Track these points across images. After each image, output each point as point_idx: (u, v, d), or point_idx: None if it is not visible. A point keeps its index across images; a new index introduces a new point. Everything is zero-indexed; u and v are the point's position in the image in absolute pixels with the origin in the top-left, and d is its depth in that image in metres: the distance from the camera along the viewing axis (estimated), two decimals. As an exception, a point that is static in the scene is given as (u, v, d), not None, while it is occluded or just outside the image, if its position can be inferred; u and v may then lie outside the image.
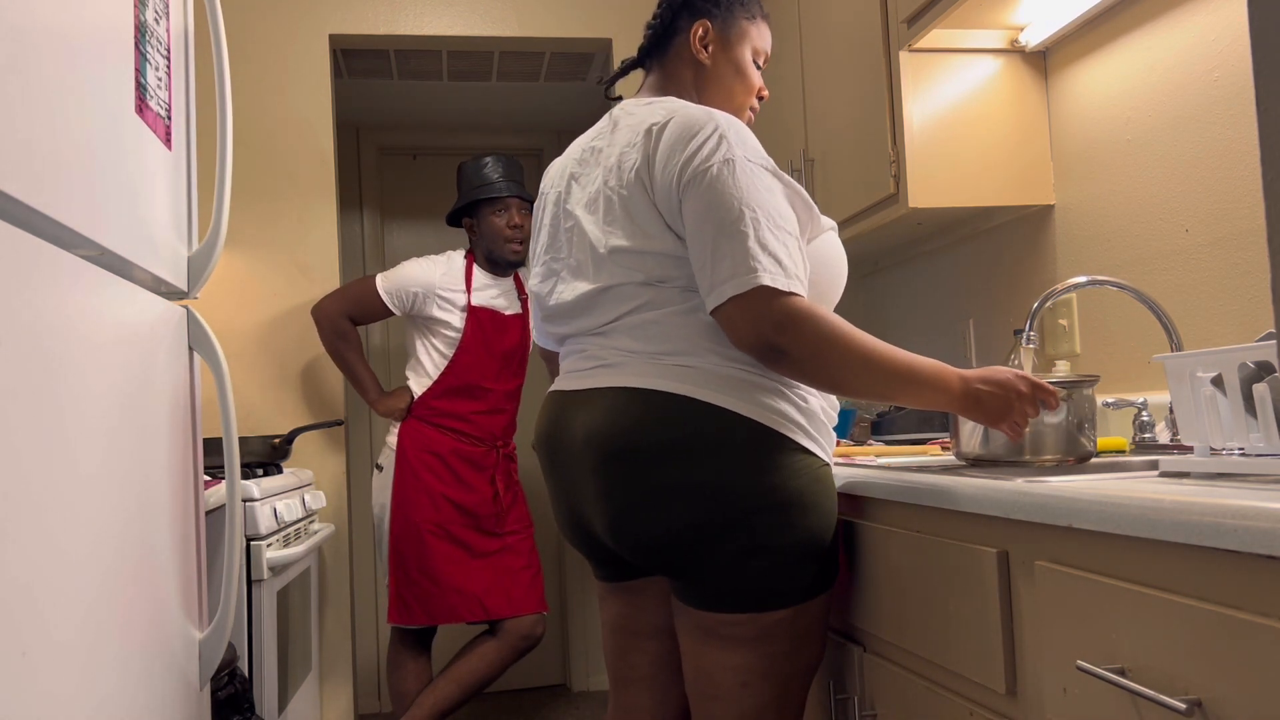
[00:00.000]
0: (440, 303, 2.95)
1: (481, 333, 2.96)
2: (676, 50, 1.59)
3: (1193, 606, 0.87)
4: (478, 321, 2.96)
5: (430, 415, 2.94)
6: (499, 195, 2.98)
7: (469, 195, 3.03)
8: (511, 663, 2.93)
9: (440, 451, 2.91)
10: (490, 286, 3.02)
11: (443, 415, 2.94)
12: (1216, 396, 1.16)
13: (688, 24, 1.58)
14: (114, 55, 1.16)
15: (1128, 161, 2.02)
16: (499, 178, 3.03)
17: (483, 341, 2.96)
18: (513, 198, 2.99)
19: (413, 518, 2.87)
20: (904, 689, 1.41)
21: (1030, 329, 1.75)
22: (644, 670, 1.56)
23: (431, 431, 2.93)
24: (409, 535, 2.87)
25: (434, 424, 2.94)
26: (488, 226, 3.00)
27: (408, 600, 2.87)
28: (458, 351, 2.94)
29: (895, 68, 2.23)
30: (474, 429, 2.96)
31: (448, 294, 2.96)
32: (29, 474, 0.88)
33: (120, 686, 1.11)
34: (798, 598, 1.37)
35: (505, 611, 2.90)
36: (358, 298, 2.98)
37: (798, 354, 1.30)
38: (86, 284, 1.06)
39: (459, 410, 2.94)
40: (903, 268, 2.99)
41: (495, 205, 2.99)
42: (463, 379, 2.94)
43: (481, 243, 3.03)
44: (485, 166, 3.05)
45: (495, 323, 2.98)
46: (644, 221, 1.40)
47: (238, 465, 1.53)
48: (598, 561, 1.55)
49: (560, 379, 1.54)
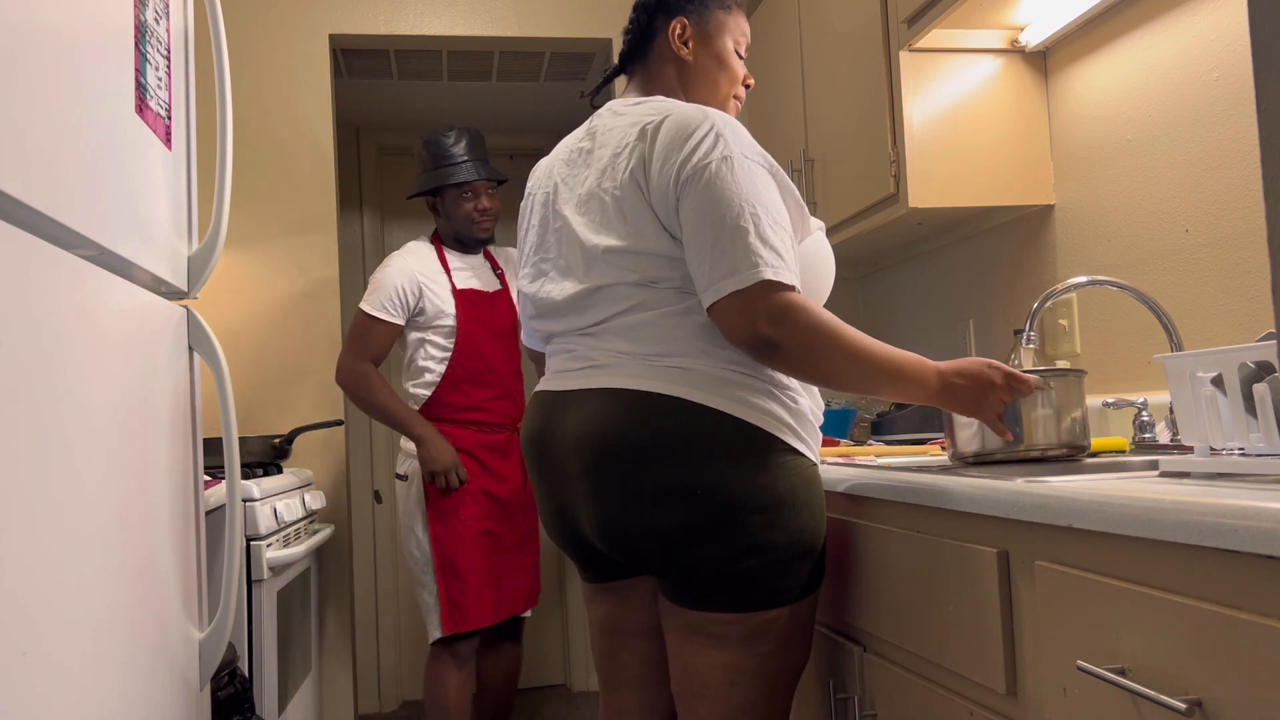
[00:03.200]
0: (427, 285, 2.81)
1: (475, 313, 2.85)
2: (657, 51, 1.59)
3: (1193, 606, 0.87)
4: (468, 303, 2.85)
5: (446, 412, 2.82)
6: (467, 180, 2.86)
7: (436, 178, 2.89)
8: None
9: (467, 447, 2.80)
10: (464, 268, 2.91)
11: (459, 409, 2.82)
12: (1216, 396, 1.16)
13: (665, 23, 1.58)
14: (114, 55, 1.16)
15: (1128, 161, 2.02)
16: (466, 158, 2.89)
17: (478, 321, 2.85)
18: (480, 180, 2.88)
19: (458, 517, 2.76)
20: (904, 689, 1.41)
21: (1030, 329, 1.75)
22: (634, 670, 1.56)
23: (452, 429, 2.80)
24: (456, 539, 2.76)
25: (452, 420, 2.82)
26: (455, 210, 2.88)
27: (462, 605, 2.75)
28: (458, 339, 2.81)
29: (895, 68, 2.23)
30: (492, 416, 2.85)
31: (430, 275, 2.83)
32: (29, 474, 0.88)
33: (120, 686, 1.11)
34: (788, 597, 1.37)
35: (533, 602, 2.91)
36: (359, 336, 2.81)
37: (789, 347, 1.30)
38: (86, 284, 1.06)
39: (474, 400, 2.83)
40: (903, 268, 2.99)
41: (462, 188, 2.87)
42: (470, 365, 2.82)
43: (449, 224, 2.91)
44: (449, 144, 2.90)
45: (485, 301, 2.88)
46: (638, 222, 1.40)
47: (238, 465, 1.53)
48: (584, 562, 1.55)
49: (548, 379, 1.54)
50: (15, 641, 0.84)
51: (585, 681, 4.25)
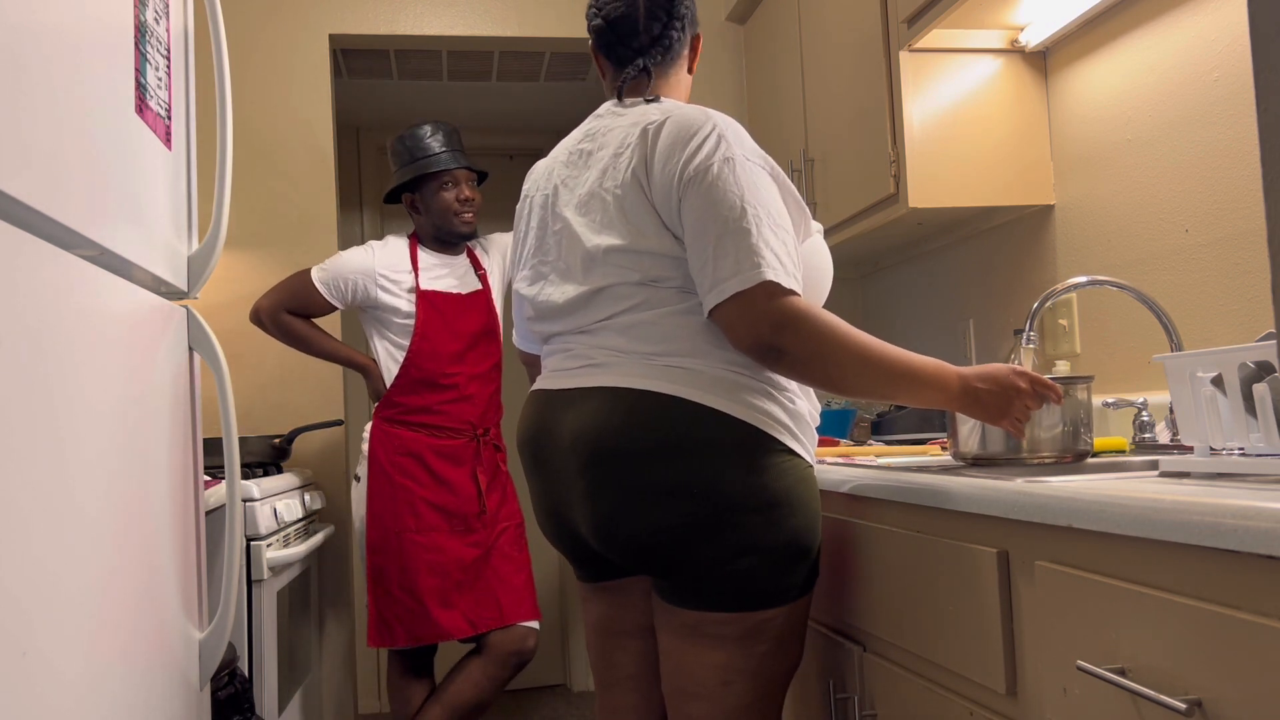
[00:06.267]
0: (384, 284, 2.71)
1: (439, 317, 2.72)
2: (678, 59, 1.60)
3: (1193, 606, 0.87)
4: (430, 305, 2.72)
5: (397, 414, 2.70)
6: (446, 168, 2.74)
7: (412, 170, 2.76)
8: (505, 682, 2.68)
9: (416, 451, 2.67)
10: (439, 267, 2.79)
11: (410, 411, 2.69)
12: (1216, 396, 1.16)
13: (691, 35, 1.60)
14: (114, 55, 1.16)
15: (1128, 161, 2.02)
16: (442, 149, 2.77)
17: (441, 325, 2.72)
18: (460, 169, 2.77)
19: (391, 528, 2.63)
20: (904, 689, 1.41)
21: (1030, 329, 1.75)
22: (628, 670, 1.56)
23: (402, 431, 2.68)
24: (387, 548, 2.63)
25: (402, 422, 2.70)
26: (436, 202, 2.76)
27: (388, 620, 2.62)
28: (414, 339, 2.69)
29: (895, 68, 2.23)
30: (446, 419, 2.70)
31: (391, 274, 2.72)
32: (29, 474, 0.88)
33: (120, 686, 1.11)
34: (784, 598, 1.37)
35: (494, 623, 2.64)
36: (293, 291, 2.73)
37: (797, 354, 1.30)
38: (86, 284, 1.06)
39: (425, 403, 2.69)
40: (903, 268, 2.99)
41: (442, 178, 2.75)
42: (425, 369, 2.69)
43: (428, 220, 2.79)
44: (425, 137, 2.78)
45: (452, 305, 2.75)
46: (640, 221, 1.40)
47: (238, 465, 1.53)
48: (579, 562, 1.55)
49: (544, 378, 1.53)
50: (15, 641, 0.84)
51: (584, 681, 4.25)
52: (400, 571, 2.62)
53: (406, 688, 2.71)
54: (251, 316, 2.78)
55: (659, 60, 1.56)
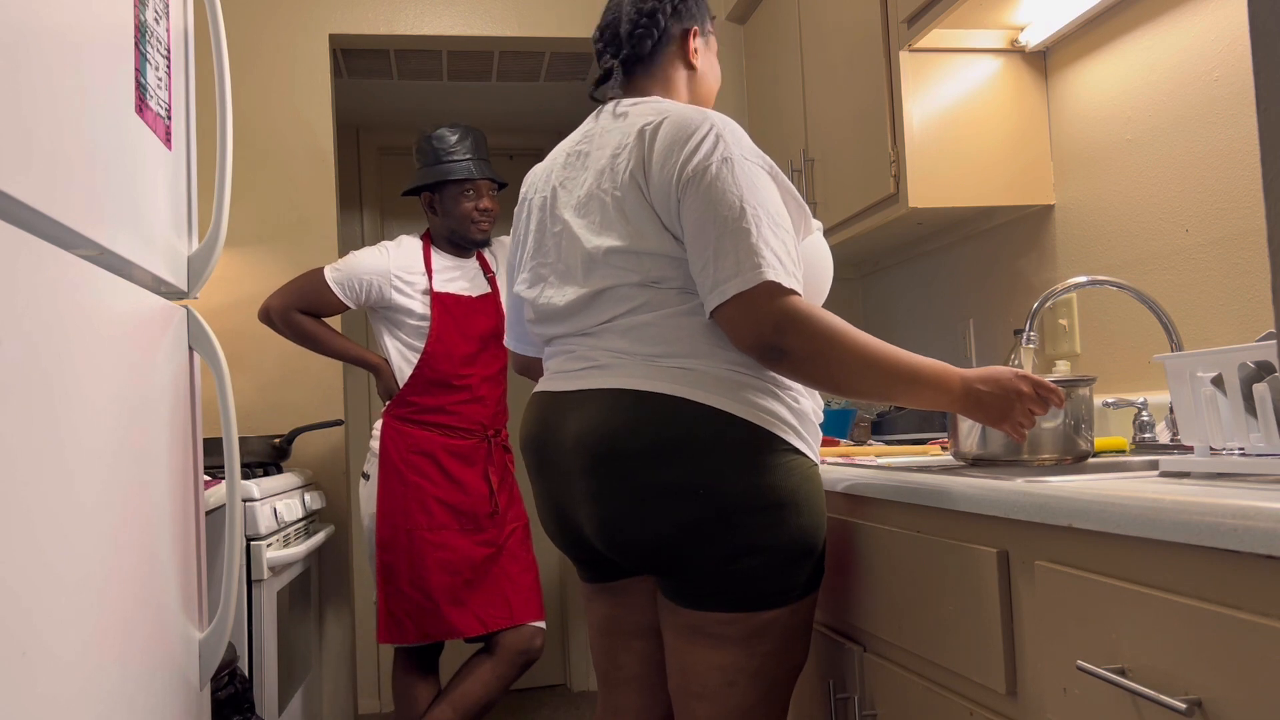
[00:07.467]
0: (399, 285, 2.72)
1: (451, 319, 2.73)
2: (668, 55, 1.58)
3: (1193, 606, 0.87)
4: (444, 308, 2.73)
5: (410, 413, 2.71)
6: (470, 177, 2.76)
7: (436, 173, 2.78)
8: (512, 681, 2.69)
9: (429, 450, 2.68)
10: (452, 269, 2.80)
11: (424, 411, 2.71)
12: (1216, 396, 1.16)
13: (679, 30, 1.58)
14: (114, 55, 1.16)
15: (1128, 161, 2.02)
16: (469, 157, 2.79)
17: (454, 328, 2.73)
18: (483, 180, 2.79)
19: (402, 525, 2.64)
20: (904, 689, 1.41)
21: (1030, 329, 1.75)
22: (633, 670, 1.56)
23: (415, 430, 2.69)
24: (397, 545, 2.64)
25: (416, 421, 2.71)
26: (455, 208, 2.77)
27: (399, 616, 2.63)
28: (429, 341, 2.70)
29: (895, 68, 2.23)
30: (459, 420, 2.72)
31: (405, 275, 2.73)
32: (29, 474, 0.88)
33: (120, 686, 1.11)
34: (788, 597, 1.37)
35: (504, 623, 2.66)
36: (305, 291, 2.73)
37: (798, 354, 1.30)
38: (86, 284, 1.06)
39: (439, 403, 2.71)
40: (903, 268, 2.99)
41: (464, 186, 2.77)
42: (439, 370, 2.71)
43: (444, 223, 2.80)
44: (453, 141, 2.80)
45: (463, 307, 2.76)
46: (639, 222, 1.40)
47: (238, 465, 1.53)
48: (583, 563, 1.55)
49: (547, 379, 1.53)
50: (15, 641, 0.84)
51: (585, 681, 4.25)
52: (410, 568, 2.63)
53: (412, 686, 2.71)
54: (261, 315, 2.78)
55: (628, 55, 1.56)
